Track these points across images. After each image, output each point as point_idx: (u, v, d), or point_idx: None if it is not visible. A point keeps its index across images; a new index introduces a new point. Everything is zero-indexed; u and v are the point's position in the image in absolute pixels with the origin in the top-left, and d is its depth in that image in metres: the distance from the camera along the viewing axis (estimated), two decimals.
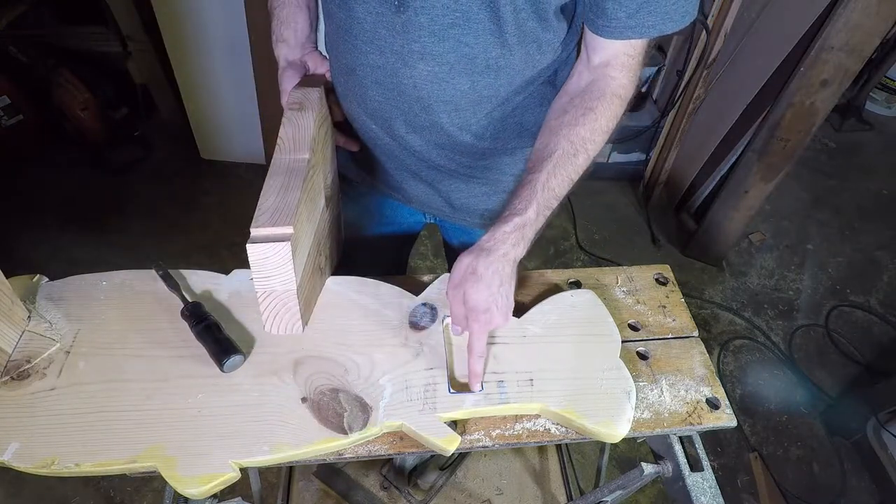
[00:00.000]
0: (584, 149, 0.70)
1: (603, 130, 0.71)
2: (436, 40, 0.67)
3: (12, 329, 0.67)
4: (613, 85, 0.71)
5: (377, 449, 0.65)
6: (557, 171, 0.69)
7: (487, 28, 0.66)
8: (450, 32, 0.66)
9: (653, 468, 0.73)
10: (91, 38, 2.38)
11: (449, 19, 0.65)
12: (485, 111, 0.77)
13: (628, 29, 0.66)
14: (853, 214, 2.56)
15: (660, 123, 2.30)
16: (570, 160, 0.69)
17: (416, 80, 0.72)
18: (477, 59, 0.69)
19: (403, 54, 0.69)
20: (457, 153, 0.83)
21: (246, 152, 2.44)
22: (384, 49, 0.70)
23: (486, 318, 0.64)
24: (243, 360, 0.67)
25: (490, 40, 0.68)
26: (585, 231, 2.40)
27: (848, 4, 1.53)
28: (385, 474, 1.19)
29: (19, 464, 0.58)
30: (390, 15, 0.66)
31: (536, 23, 0.68)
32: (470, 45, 0.68)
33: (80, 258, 2.05)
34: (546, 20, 0.68)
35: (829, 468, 1.74)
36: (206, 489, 0.58)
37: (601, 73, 0.71)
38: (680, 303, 0.82)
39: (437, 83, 0.72)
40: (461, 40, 0.67)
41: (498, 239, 0.65)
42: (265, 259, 0.62)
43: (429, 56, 0.69)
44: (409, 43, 0.68)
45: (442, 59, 0.69)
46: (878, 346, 2.07)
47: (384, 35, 0.69)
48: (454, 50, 0.68)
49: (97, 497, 1.54)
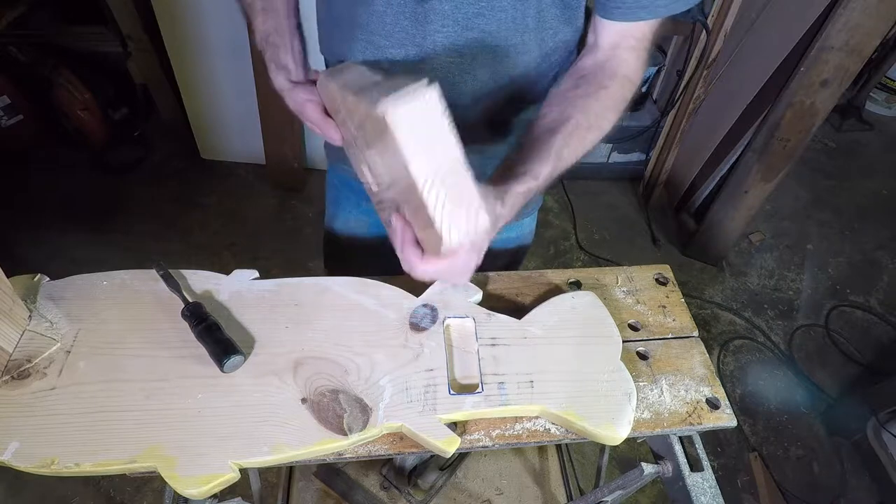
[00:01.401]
0: (598, 126, 0.68)
1: (614, 111, 0.69)
2: (459, 29, 0.66)
3: (13, 328, 0.67)
4: (625, 67, 0.70)
5: (377, 449, 0.65)
6: (571, 142, 0.66)
7: (510, 16, 0.66)
8: (474, 22, 0.66)
9: (653, 468, 0.73)
10: (91, 38, 2.38)
11: (474, 8, 0.64)
12: (499, 102, 0.77)
13: (641, 9, 0.65)
14: (853, 214, 2.56)
15: (660, 123, 2.30)
16: (584, 133, 0.67)
17: (437, 72, 0.71)
18: (498, 47, 0.69)
19: (425, 46, 0.68)
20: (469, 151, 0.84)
21: (246, 152, 2.44)
22: (405, 42, 0.69)
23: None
24: (243, 360, 0.67)
25: (511, 28, 0.67)
26: (585, 231, 2.40)
27: (848, 4, 1.52)
28: (385, 474, 1.19)
29: (19, 463, 0.58)
30: (412, 5, 0.65)
31: (559, 9, 0.68)
32: (492, 34, 0.67)
33: (80, 258, 2.05)
34: (569, 7, 0.68)
35: (829, 468, 1.74)
36: (206, 489, 0.58)
37: (612, 54, 0.70)
38: (680, 303, 0.82)
39: (458, 75, 0.71)
40: (484, 29, 0.66)
41: (508, 204, 0.60)
42: (414, 126, 0.46)
43: (451, 47, 0.68)
44: (431, 34, 0.67)
45: (464, 50, 0.68)
46: (878, 346, 2.07)
47: (406, 27, 0.67)
48: (478, 40, 0.67)
49: (97, 497, 1.54)
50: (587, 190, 2.55)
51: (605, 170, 2.55)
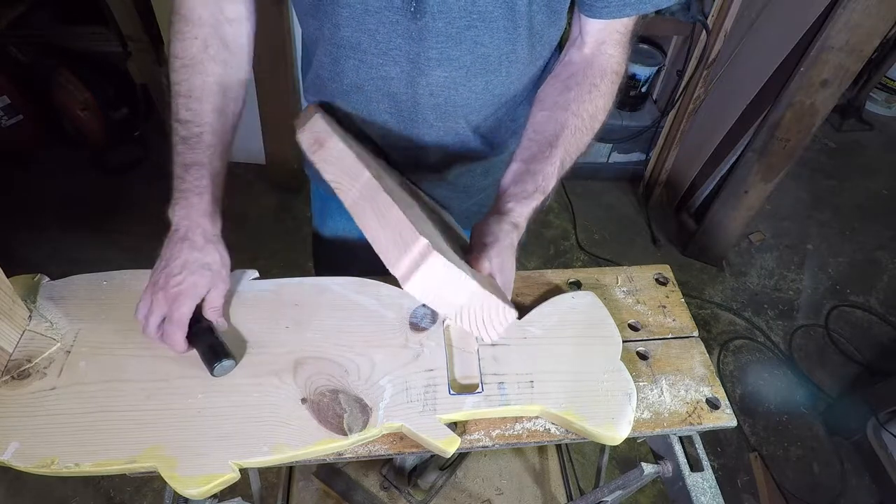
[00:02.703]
0: (592, 127, 0.71)
1: (605, 109, 0.72)
2: (453, 44, 0.66)
3: (13, 328, 0.67)
4: (612, 62, 0.72)
5: (377, 449, 0.65)
6: (570, 149, 0.69)
7: (502, 25, 0.66)
8: (466, 34, 0.66)
9: (653, 468, 0.73)
10: (91, 38, 2.38)
11: (465, 21, 0.65)
12: (493, 110, 0.78)
13: (627, 6, 0.67)
14: (853, 214, 2.56)
15: (660, 123, 2.30)
16: (580, 136, 0.70)
17: (433, 87, 0.71)
18: (490, 57, 0.69)
19: (419, 62, 0.69)
20: (467, 160, 0.84)
21: (246, 152, 2.44)
22: (398, 59, 0.69)
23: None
24: (234, 365, 0.67)
25: (503, 37, 0.68)
26: (585, 231, 2.40)
27: (848, 4, 1.53)
28: (385, 474, 1.19)
29: (19, 463, 0.58)
30: (405, 23, 0.65)
31: (546, 15, 0.68)
32: (485, 45, 0.67)
33: (80, 258, 2.05)
34: (555, 12, 0.69)
35: (829, 468, 1.74)
36: (206, 489, 0.58)
37: (599, 51, 0.72)
38: (680, 303, 0.82)
39: (453, 88, 0.72)
40: (477, 41, 0.67)
41: (524, 216, 0.66)
42: (428, 286, 0.53)
43: (446, 61, 0.68)
44: (425, 50, 0.67)
45: (459, 63, 0.69)
46: (878, 346, 2.07)
47: (399, 44, 0.67)
48: (470, 52, 0.68)
49: (97, 497, 1.54)
50: (587, 190, 2.55)
51: (605, 170, 2.55)
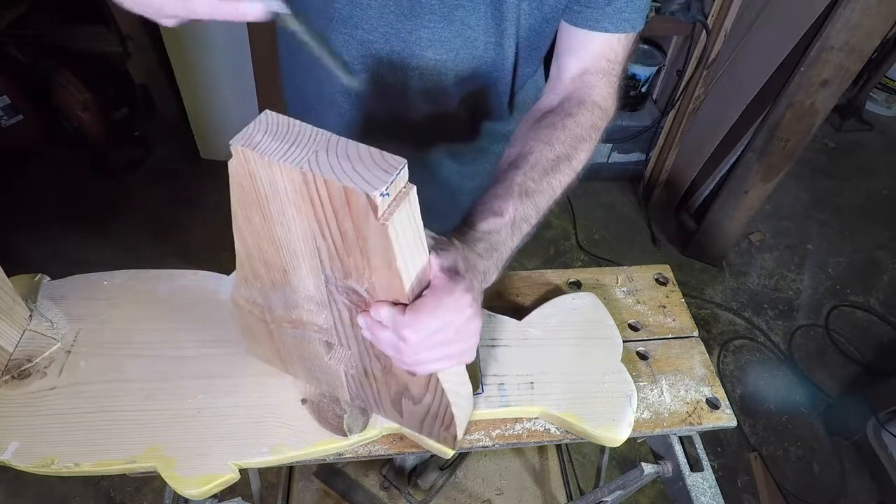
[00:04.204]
0: (567, 154, 0.63)
1: (584, 139, 0.64)
2: (445, 24, 0.66)
3: (13, 328, 0.67)
4: (593, 94, 0.67)
5: (377, 449, 0.65)
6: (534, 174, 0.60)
7: (489, 12, 0.66)
8: (456, 14, 0.66)
9: (653, 468, 0.73)
10: (91, 38, 2.38)
11: (455, 1, 0.65)
12: (484, 103, 0.78)
13: (624, 21, 0.66)
14: (853, 214, 2.56)
15: (660, 123, 2.30)
16: (551, 164, 0.62)
17: (423, 70, 0.71)
18: (477, 41, 0.69)
19: (410, 42, 0.68)
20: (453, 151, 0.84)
21: None
22: (390, 37, 0.68)
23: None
24: None
25: (490, 24, 0.67)
26: (585, 231, 2.40)
27: (848, 4, 1.52)
28: (385, 474, 1.19)
29: (19, 463, 0.58)
30: None
31: (536, 20, 0.68)
32: (472, 27, 0.67)
33: (80, 258, 2.05)
34: (547, 20, 0.69)
35: (829, 468, 1.74)
36: (206, 490, 0.58)
37: (579, 84, 0.68)
38: (680, 303, 0.82)
39: (444, 73, 0.72)
40: (465, 22, 0.67)
41: (478, 248, 0.54)
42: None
43: (437, 42, 0.68)
44: (417, 29, 0.67)
45: (449, 45, 0.68)
46: (878, 346, 2.07)
47: (391, 21, 0.67)
48: (459, 34, 0.68)
49: (97, 497, 1.54)
50: (587, 190, 2.55)
51: (605, 170, 2.55)
